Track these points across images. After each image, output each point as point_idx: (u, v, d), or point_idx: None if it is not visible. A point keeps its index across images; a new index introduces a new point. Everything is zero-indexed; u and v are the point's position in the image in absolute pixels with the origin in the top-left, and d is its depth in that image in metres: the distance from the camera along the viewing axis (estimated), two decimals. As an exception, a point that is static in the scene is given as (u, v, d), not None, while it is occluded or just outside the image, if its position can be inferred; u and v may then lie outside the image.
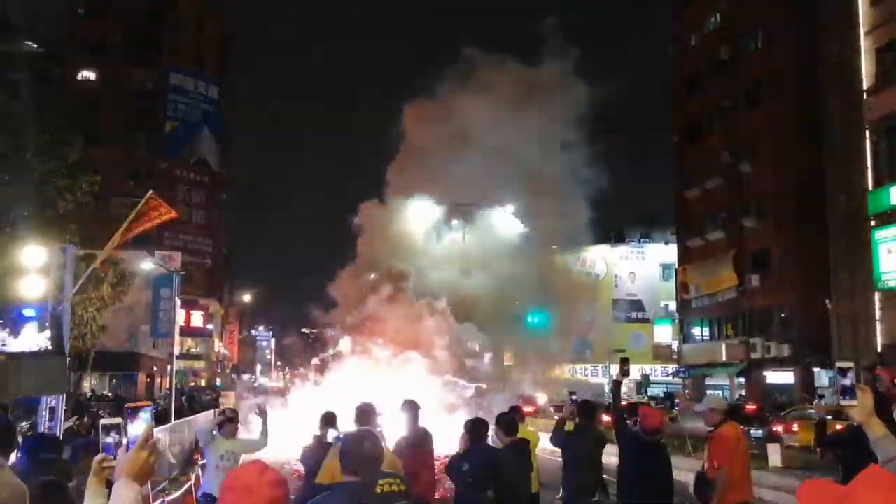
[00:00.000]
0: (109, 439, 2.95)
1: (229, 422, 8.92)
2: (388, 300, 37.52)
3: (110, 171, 41.28)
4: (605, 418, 36.14)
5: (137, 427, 2.87)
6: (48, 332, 2.48)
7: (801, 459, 19.16)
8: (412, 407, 8.70)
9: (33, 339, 2.37)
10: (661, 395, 49.92)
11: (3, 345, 2.30)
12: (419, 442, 8.44)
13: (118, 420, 3.02)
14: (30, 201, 20.05)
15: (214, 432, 8.97)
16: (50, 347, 2.46)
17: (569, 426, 9.41)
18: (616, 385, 9.53)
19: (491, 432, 8.36)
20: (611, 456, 8.82)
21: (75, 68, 62.44)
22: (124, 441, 2.91)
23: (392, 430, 8.56)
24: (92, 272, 20.09)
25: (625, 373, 10.08)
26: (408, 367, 34.05)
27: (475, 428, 7.77)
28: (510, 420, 8.22)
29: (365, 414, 8.22)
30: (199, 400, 44.00)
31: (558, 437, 9.20)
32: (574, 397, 9.93)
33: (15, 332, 2.38)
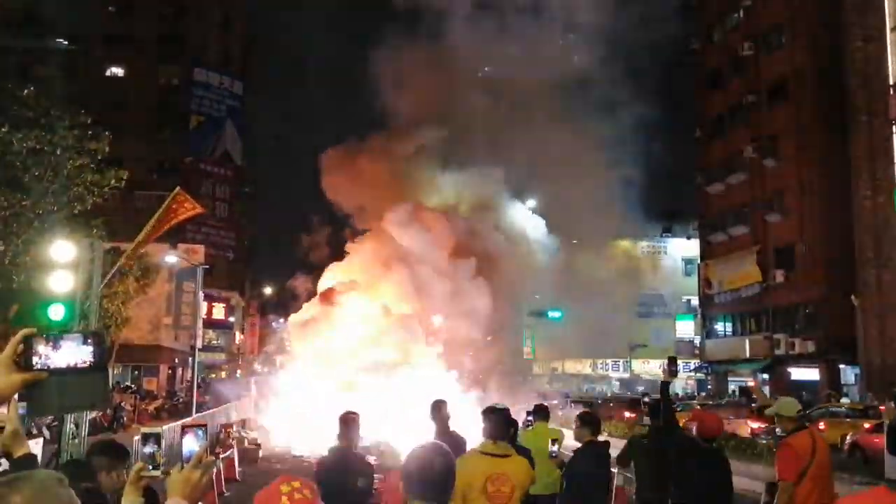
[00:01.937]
0: (148, 449, 2.95)
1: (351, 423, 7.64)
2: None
3: (136, 165, 41.70)
4: (628, 415, 36.02)
5: (190, 444, 2.85)
6: (90, 347, 2.52)
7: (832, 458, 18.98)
8: (441, 409, 7.70)
9: (75, 353, 2.41)
10: (737, 390, 48.48)
11: (47, 358, 2.34)
12: (448, 445, 7.28)
13: (158, 429, 3.02)
14: (59, 197, 20.26)
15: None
16: (92, 362, 2.50)
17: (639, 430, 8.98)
18: (665, 386, 8.44)
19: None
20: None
21: (103, 64, 63.17)
22: (159, 456, 2.89)
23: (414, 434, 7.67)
24: (118, 266, 20.30)
25: (673, 373, 9.02)
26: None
27: (495, 418, 7.08)
28: (592, 419, 7.37)
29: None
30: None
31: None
32: (646, 399, 9.24)
33: (56, 346, 2.41)
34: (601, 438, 7.70)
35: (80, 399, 2.81)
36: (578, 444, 7.83)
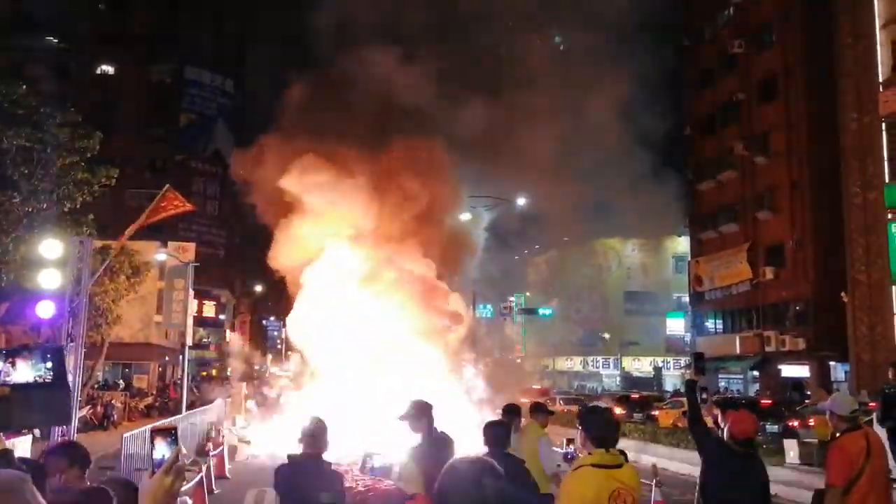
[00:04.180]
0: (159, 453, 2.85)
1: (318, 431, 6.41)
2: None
3: (127, 163, 41.59)
4: (618, 411, 36.04)
5: (161, 450, 2.78)
6: (49, 363, 2.53)
7: (819, 455, 19.05)
8: (425, 409, 6.98)
9: (33, 369, 2.42)
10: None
11: (8, 376, 2.36)
12: (438, 451, 6.37)
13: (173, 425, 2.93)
14: (49, 195, 20.23)
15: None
16: (53, 378, 2.50)
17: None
18: (691, 385, 7.59)
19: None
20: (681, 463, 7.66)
21: (94, 62, 63.10)
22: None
23: (399, 437, 7.04)
24: (108, 264, 20.29)
25: (699, 370, 8.08)
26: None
27: (494, 433, 6.39)
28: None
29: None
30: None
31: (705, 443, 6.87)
32: (704, 396, 7.86)
33: (14, 363, 2.43)
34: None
35: (41, 415, 2.79)
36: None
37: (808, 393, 31.28)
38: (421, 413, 6.90)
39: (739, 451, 6.22)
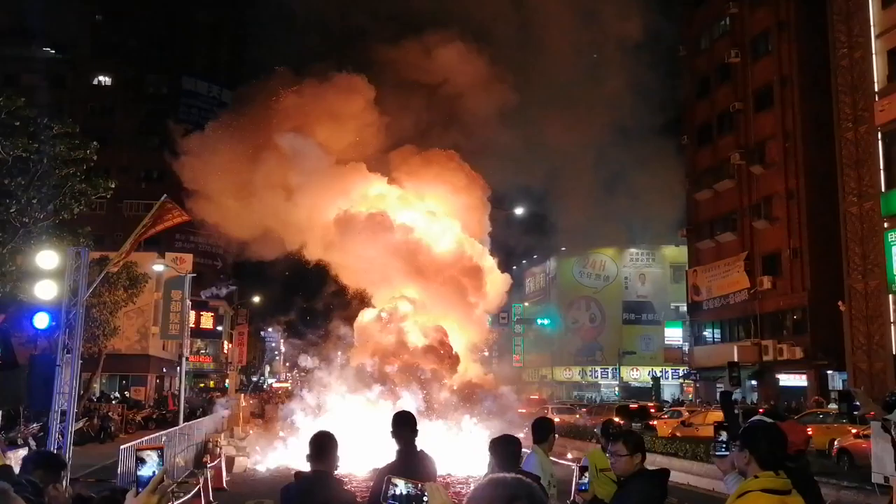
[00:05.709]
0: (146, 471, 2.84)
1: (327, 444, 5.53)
2: None
3: (124, 174, 41.66)
4: (617, 420, 35.90)
5: (147, 469, 2.77)
6: None
7: (817, 465, 19.01)
8: (405, 423, 6.39)
9: None
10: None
11: None
12: (414, 468, 5.86)
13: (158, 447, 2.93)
14: (46, 205, 20.20)
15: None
16: (2, 360, 2.47)
17: None
18: (727, 397, 7.03)
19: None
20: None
21: (91, 73, 63.20)
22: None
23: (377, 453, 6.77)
24: (105, 275, 20.25)
25: (734, 381, 7.43)
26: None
27: (505, 449, 5.66)
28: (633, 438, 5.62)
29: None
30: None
31: None
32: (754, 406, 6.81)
33: None
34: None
35: None
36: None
37: (857, 403, 30.79)
38: (397, 425, 6.35)
39: (792, 466, 5.15)
